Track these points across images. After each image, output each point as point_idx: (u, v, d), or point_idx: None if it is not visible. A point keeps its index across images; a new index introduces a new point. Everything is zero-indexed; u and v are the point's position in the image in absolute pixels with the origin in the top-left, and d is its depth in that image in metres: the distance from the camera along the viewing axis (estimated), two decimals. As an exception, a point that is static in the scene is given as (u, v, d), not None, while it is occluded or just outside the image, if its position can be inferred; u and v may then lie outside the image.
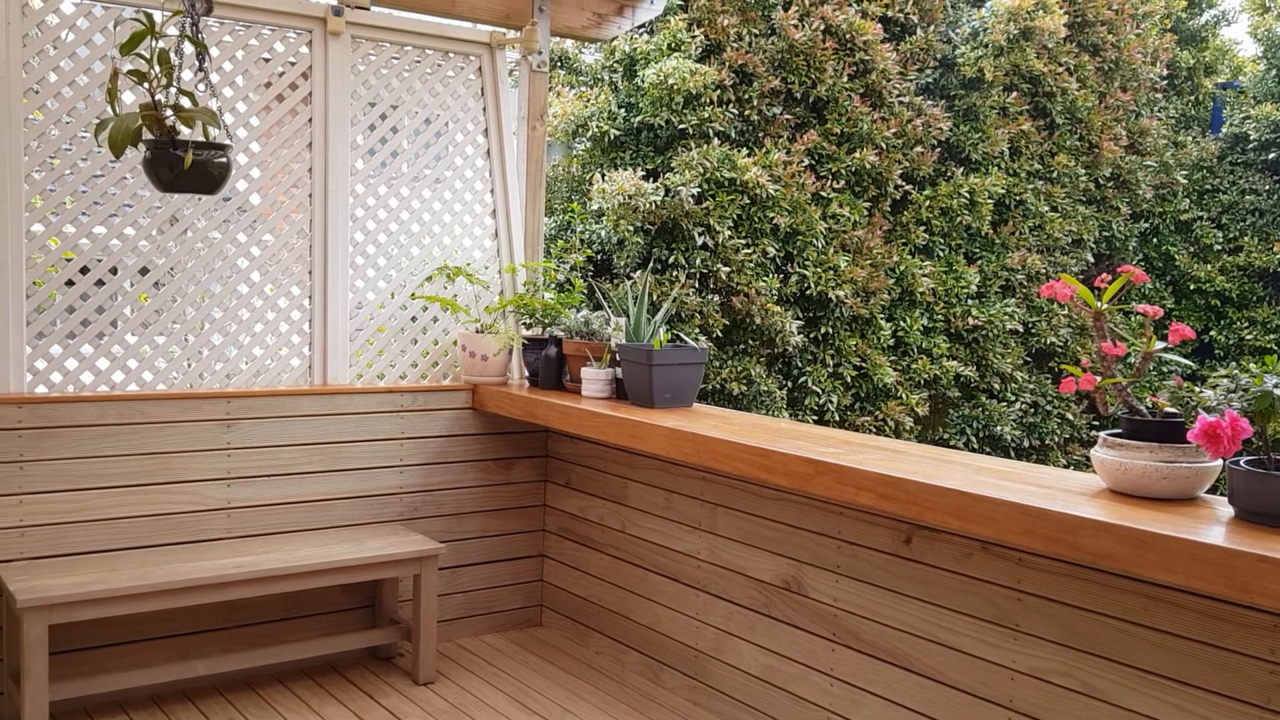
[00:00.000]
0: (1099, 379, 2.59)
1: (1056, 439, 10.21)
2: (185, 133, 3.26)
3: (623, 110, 8.71)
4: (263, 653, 3.87)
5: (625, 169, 8.32)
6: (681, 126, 8.42)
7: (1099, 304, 2.65)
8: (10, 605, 3.45)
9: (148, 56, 3.15)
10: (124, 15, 3.77)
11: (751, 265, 8.44)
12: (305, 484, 4.17)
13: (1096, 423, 10.51)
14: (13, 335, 3.67)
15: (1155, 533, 2.22)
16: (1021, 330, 10.03)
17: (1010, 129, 10.03)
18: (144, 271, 3.95)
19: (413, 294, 4.50)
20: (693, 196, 8.12)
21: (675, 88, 8.27)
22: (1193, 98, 12.13)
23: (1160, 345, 2.59)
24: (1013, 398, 9.97)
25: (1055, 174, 10.41)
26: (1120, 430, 2.59)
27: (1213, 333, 11.13)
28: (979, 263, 9.92)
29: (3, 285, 3.64)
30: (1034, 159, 10.30)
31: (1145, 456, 2.48)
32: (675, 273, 8.13)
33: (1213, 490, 2.58)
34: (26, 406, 3.63)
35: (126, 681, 3.61)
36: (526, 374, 4.60)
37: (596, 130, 8.57)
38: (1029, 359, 10.27)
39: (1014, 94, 10.08)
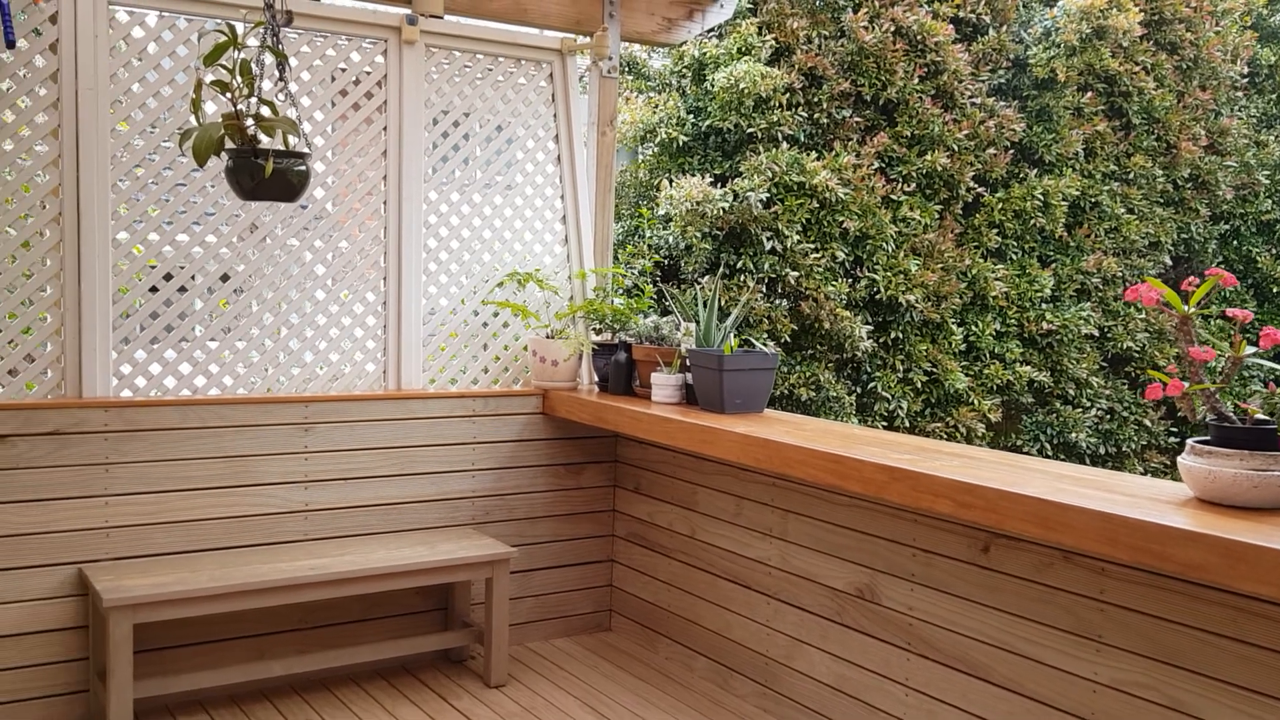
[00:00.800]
0: (1186, 385, 2.53)
1: (1133, 446, 9.98)
2: (265, 141, 3.33)
3: (691, 115, 8.70)
4: (338, 654, 3.93)
5: (693, 174, 8.31)
6: (750, 130, 8.39)
7: (1186, 308, 2.58)
8: (96, 604, 3.54)
9: (230, 67, 3.22)
10: (207, 27, 3.86)
11: (820, 270, 8.38)
12: (379, 487, 4.22)
13: (1174, 429, 10.25)
14: (99, 340, 3.76)
15: (1247, 543, 2.16)
16: (1097, 335, 9.83)
17: (1085, 130, 9.84)
18: (225, 278, 4.03)
19: (484, 299, 4.54)
20: (761, 201, 8.09)
21: (745, 91, 8.24)
22: (1274, 96, 11.79)
23: (1250, 350, 2.52)
24: (1088, 404, 9.76)
25: (1132, 175, 10.19)
26: (1209, 437, 2.52)
27: (1297, 337, 10.80)
28: (1053, 266, 9.74)
29: (90, 291, 3.74)
30: (1110, 160, 10.09)
31: (1235, 464, 2.42)
32: (743, 278, 8.10)
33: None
34: (112, 410, 3.73)
35: (206, 681, 3.69)
36: (596, 379, 4.61)
37: (665, 136, 8.57)
38: (1105, 364, 10.06)
39: (1089, 94, 9.89)
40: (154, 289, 3.92)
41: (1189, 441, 2.54)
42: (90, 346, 3.75)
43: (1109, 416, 9.96)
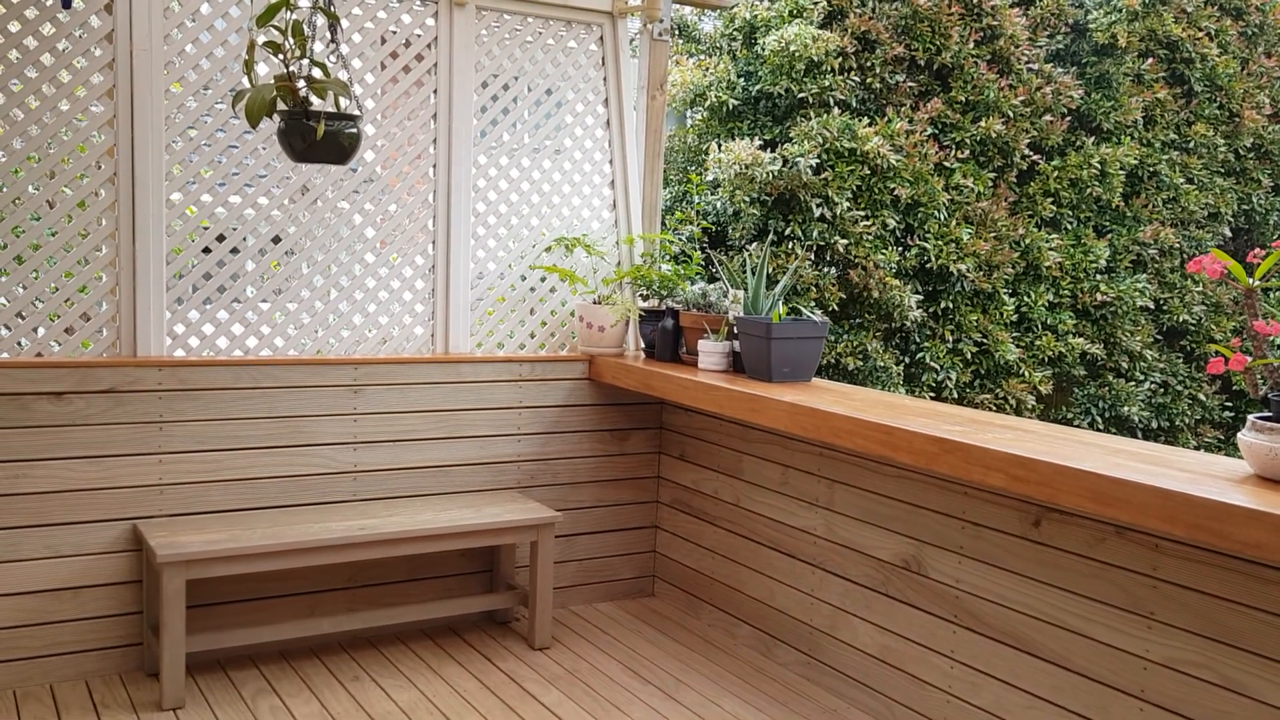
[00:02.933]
0: (1249, 359, 2.47)
1: (1187, 420, 9.81)
2: (317, 103, 3.33)
3: (741, 79, 8.61)
4: (385, 613, 3.97)
5: (743, 139, 8.23)
6: (801, 95, 8.28)
7: (1251, 280, 2.51)
8: (150, 560, 3.60)
9: (282, 28, 3.22)
10: (258, -12, 3.85)
11: (870, 238, 8.29)
12: (427, 450, 4.25)
13: (1229, 404, 10.07)
14: (153, 300, 3.81)
15: (1310, 523, 2.11)
16: (1152, 307, 9.65)
17: (1145, 97, 9.61)
18: (276, 240, 4.06)
19: (531, 264, 4.53)
20: (811, 167, 8.00)
21: (796, 55, 8.13)
22: (1344, 63, 11.43)
23: (1318, 325, 2.45)
24: (1141, 377, 9.60)
25: (1192, 144, 9.95)
26: (1270, 414, 2.46)
27: (1361, 312, 10.54)
28: (1109, 236, 9.56)
29: (144, 252, 3.78)
30: (1169, 128, 9.86)
31: (1299, 442, 2.36)
32: (792, 245, 8.03)
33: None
34: (166, 369, 3.78)
35: (257, 636, 3.75)
36: (642, 345, 4.60)
37: (715, 99, 8.49)
38: (1159, 337, 9.88)
39: (1149, 60, 9.66)
40: (207, 250, 3.96)
41: (1250, 417, 2.48)
42: (144, 306, 3.80)
43: (1162, 390, 9.79)
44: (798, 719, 3.63)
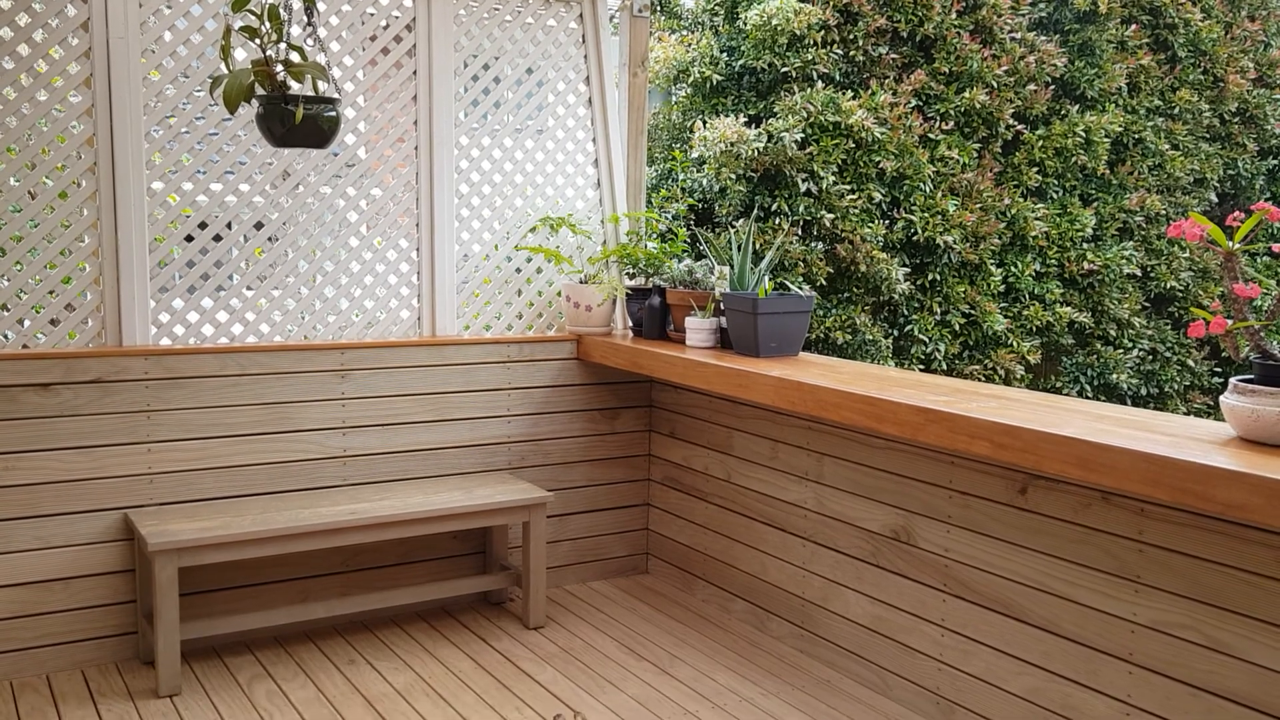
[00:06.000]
0: (1230, 322, 2.48)
1: (1176, 387, 9.85)
2: (295, 87, 3.31)
3: (724, 54, 8.58)
4: (379, 596, 3.99)
5: (727, 115, 8.21)
6: (785, 69, 8.25)
7: (1230, 244, 2.52)
8: (142, 548, 3.60)
9: (258, 12, 3.20)
10: (234, -27, 3.82)
11: (856, 211, 8.28)
12: (416, 433, 4.25)
13: (1218, 370, 10.10)
14: (137, 289, 3.80)
15: (1291, 483, 2.12)
16: (1140, 274, 9.67)
17: (1129, 64, 9.60)
18: (259, 226, 4.04)
19: (517, 245, 4.52)
20: (796, 142, 7.98)
21: (779, 28, 8.10)
22: (1328, 26, 11.43)
23: (1297, 287, 2.46)
24: (1130, 344, 9.63)
25: (1177, 110, 9.95)
26: (1253, 376, 2.47)
27: (1347, 275, 10.57)
28: (1095, 204, 9.56)
29: (127, 241, 3.77)
30: (1154, 95, 9.85)
31: (1280, 403, 2.37)
32: (778, 220, 8.02)
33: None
34: (152, 358, 3.77)
35: (251, 623, 3.76)
36: (630, 324, 4.60)
37: (698, 75, 8.46)
38: (1147, 304, 9.90)
39: (1133, 26, 9.64)
40: (189, 238, 3.94)
41: (1232, 380, 2.50)
42: (129, 295, 3.79)
43: (1151, 357, 9.82)
44: (791, 690, 3.66)
